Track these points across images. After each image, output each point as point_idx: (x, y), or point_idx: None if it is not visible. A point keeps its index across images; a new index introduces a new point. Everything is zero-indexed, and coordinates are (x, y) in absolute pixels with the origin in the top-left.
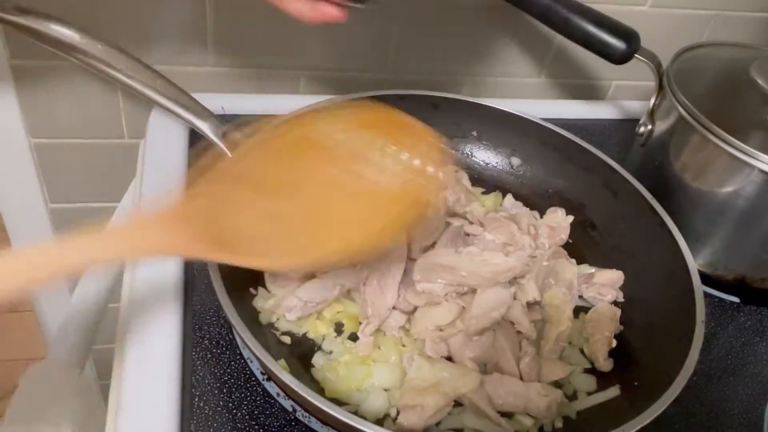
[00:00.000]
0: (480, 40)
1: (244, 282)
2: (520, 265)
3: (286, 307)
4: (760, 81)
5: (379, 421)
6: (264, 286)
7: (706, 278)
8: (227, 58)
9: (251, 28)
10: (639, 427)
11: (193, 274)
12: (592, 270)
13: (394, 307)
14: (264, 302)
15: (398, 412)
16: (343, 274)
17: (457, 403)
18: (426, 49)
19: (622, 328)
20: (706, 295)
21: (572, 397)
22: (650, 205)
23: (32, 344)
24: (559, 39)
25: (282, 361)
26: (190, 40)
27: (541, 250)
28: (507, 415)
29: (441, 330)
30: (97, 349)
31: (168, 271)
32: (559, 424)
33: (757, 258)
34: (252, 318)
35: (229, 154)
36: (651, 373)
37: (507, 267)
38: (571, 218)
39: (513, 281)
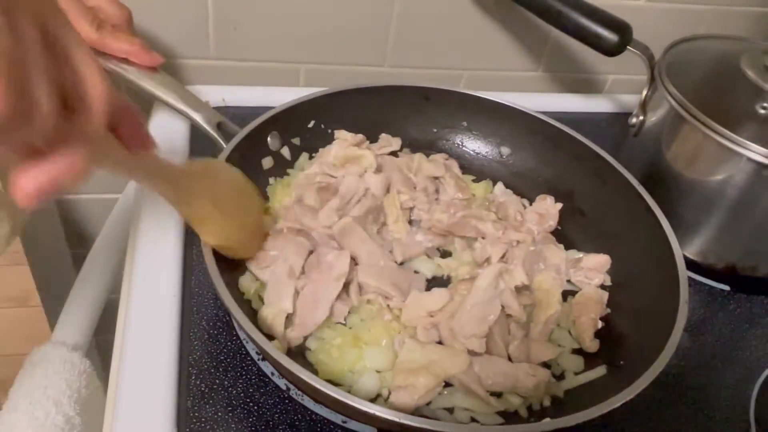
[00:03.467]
0: (477, 33)
1: (240, 264)
2: None
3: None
4: (749, 73)
5: (371, 401)
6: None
7: (696, 266)
8: (228, 51)
9: (252, 21)
10: (620, 404)
11: (192, 258)
12: (580, 255)
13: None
14: (250, 284)
15: (390, 393)
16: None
17: (447, 384)
18: (424, 44)
19: (609, 310)
20: (697, 283)
21: (560, 377)
22: (637, 191)
23: (39, 339)
24: (555, 33)
25: (276, 342)
26: (192, 33)
27: (527, 235)
28: (496, 394)
29: (432, 316)
30: (103, 339)
31: (168, 255)
32: (547, 403)
33: (746, 246)
34: (245, 299)
35: (224, 144)
36: (636, 353)
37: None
38: (559, 205)
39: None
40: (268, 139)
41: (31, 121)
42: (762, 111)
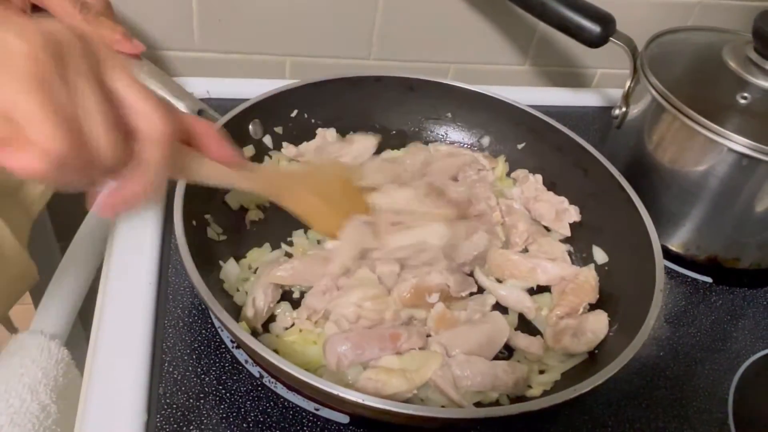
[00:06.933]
0: (464, 27)
1: (214, 255)
2: None
3: None
4: (731, 64)
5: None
6: (233, 258)
7: (679, 259)
8: (213, 43)
9: (237, 13)
10: (586, 390)
11: (170, 247)
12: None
13: None
14: (230, 274)
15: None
16: None
17: None
18: (410, 37)
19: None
20: (680, 275)
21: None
22: (618, 182)
23: None
24: (543, 26)
25: (243, 324)
26: (177, 24)
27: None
28: None
29: None
30: None
31: (146, 245)
32: (537, 393)
33: (728, 238)
34: (221, 288)
35: None
36: (614, 342)
37: None
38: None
39: None
40: (250, 127)
41: (93, 156)
42: (743, 101)
